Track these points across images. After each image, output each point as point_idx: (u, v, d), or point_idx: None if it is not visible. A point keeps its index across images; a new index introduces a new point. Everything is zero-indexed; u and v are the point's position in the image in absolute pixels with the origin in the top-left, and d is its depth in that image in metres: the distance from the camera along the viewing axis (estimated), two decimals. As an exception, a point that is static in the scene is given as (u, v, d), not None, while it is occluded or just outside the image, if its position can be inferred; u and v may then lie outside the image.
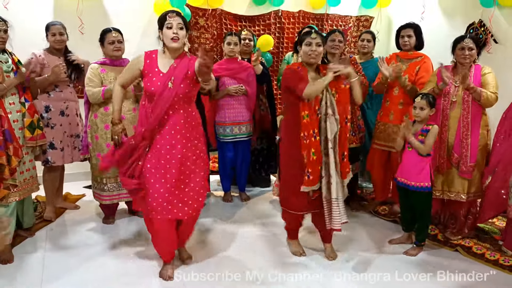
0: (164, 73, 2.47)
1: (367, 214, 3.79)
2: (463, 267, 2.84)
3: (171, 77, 2.45)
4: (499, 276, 2.74)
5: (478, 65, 3.10)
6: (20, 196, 2.93)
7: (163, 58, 2.52)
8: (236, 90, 3.75)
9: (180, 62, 2.49)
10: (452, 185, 3.16)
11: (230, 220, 3.61)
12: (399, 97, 3.47)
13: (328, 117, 2.67)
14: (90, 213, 3.70)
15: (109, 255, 2.96)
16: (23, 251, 2.96)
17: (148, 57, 2.52)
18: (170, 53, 2.51)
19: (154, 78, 2.47)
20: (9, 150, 2.76)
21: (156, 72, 2.48)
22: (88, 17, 4.34)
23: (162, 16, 2.47)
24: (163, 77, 2.46)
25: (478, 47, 3.08)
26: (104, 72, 3.23)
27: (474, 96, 2.96)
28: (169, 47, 2.47)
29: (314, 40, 2.69)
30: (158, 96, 2.43)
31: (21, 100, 2.91)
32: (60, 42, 3.38)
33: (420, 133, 2.89)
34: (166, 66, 2.50)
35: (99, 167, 2.79)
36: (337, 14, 5.50)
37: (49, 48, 3.41)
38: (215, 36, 4.98)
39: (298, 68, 2.76)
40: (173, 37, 2.42)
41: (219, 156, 4.10)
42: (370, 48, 4.06)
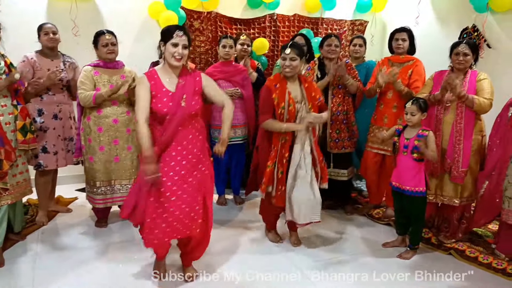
0: (173, 92, 2.38)
1: (361, 218, 3.79)
2: (457, 270, 2.84)
3: (183, 95, 2.38)
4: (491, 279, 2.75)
5: (474, 71, 3.09)
6: (13, 199, 2.90)
7: (165, 75, 2.42)
8: (232, 93, 3.74)
9: (186, 78, 2.43)
10: (445, 190, 3.17)
11: (224, 224, 3.60)
12: (393, 101, 3.48)
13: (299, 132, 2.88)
14: (83, 216, 3.67)
15: (102, 259, 2.93)
16: (14, 255, 2.93)
17: (150, 78, 2.39)
18: (171, 69, 2.42)
19: (165, 98, 2.36)
20: (1, 153, 2.73)
21: (164, 92, 2.37)
22: (82, 19, 4.31)
23: (169, 31, 2.36)
24: (173, 96, 2.37)
25: (475, 53, 3.08)
26: (98, 74, 3.22)
27: (467, 104, 2.97)
28: (170, 64, 2.39)
29: (288, 55, 2.82)
30: (172, 115, 2.35)
31: (13, 102, 2.89)
32: (53, 41, 3.34)
33: (416, 138, 2.89)
34: (172, 84, 2.41)
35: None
36: (332, 18, 5.52)
37: (42, 50, 3.37)
38: (210, 39, 4.97)
39: (276, 86, 2.90)
40: (175, 56, 2.35)
41: (213, 160, 4.08)
42: (361, 52, 4.09)
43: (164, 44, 2.37)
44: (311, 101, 2.91)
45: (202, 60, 4.99)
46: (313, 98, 2.94)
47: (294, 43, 2.92)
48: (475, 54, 3.08)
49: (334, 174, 3.68)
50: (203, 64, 4.94)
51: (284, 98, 2.86)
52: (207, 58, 5.00)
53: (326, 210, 3.87)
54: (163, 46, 2.38)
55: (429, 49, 4.01)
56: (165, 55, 2.38)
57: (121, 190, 3.33)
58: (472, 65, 3.11)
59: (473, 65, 3.12)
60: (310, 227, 3.49)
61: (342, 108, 3.60)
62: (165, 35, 2.37)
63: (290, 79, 2.92)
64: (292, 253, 3.06)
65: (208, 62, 4.97)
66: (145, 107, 2.34)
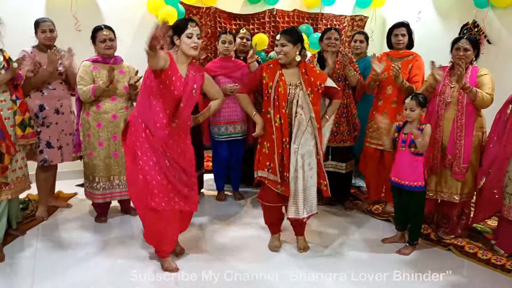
0: (184, 79, 2.55)
1: (360, 214, 3.79)
2: (456, 266, 2.85)
3: (194, 84, 2.58)
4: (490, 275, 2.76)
5: (475, 67, 3.08)
6: (12, 194, 2.90)
7: (178, 63, 2.57)
8: (232, 90, 3.73)
9: (194, 70, 2.62)
10: (445, 186, 3.16)
11: (223, 219, 3.60)
12: (392, 96, 3.47)
13: (296, 116, 2.75)
14: (82, 211, 3.68)
15: (102, 254, 2.94)
16: (15, 250, 2.93)
17: (172, 59, 2.52)
18: (184, 59, 2.58)
19: (178, 82, 2.51)
20: (2, 147, 2.74)
21: (179, 77, 2.53)
22: (81, 15, 4.30)
23: (182, 24, 2.53)
24: (184, 82, 2.54)
25: (476, 49, 3.07)
26: (96, 70, 3.21)
27: (470, 96, 2.95)
28: (188, 55, 2.55)
29: (278, 41, 2.82)
30: (186, 102, 2.55)
31: (12, 97, 2.88)
32: (51, 39, 3.33)
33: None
34: (183, 72, 2.57)
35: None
36: (331, 13, 5.51)
37: (39, 45, 3.36)
38: (209, 34, 4.96)
39: (269, 66, 2.87)
40: (193, 46, 2.51)
41: (213, 155, 4.09)
42: (363, 48, 4.08)
43: (178, 37, 2.51)
44: (309, 87, 2.79)
45: (201, 55, 4.97)
46: (312, 84, 2.80)
47: (286, 30, 2.90)
48: (476, 50, 3.08)
49: (332, 167, 3.68)
50: (203, 60, 4.92)
51: (274, 79, 2.78)
52: (207, 54, 4.99)
53: (324, 206, 3.87)
54: (177, 40, 2.52)
55: (429, 44, 4.01)
56: (182, 47, 2.52)
57: (120, 186, 3.33)
58: (473, 61, 3.10)
59: (474, 61, 3.11)
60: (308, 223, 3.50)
61: (343, 101, 3.58)
62: (179, 28, 2.52)
63: (287, 66, 2.84)
64: (291, 250, 3.05)
65: (207, 57, 4.96)
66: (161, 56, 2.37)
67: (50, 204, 3.67)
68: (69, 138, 3.47)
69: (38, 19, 3.38)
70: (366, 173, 3.79)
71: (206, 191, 4.29)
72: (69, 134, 3.47)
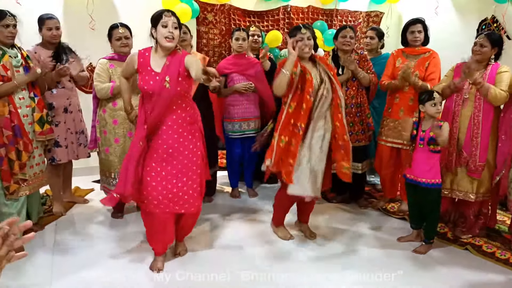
0: (156, 72, 2.48)
1: (375, 212, 3.76)
2: (473, 265, 2.82)
3: (166, 76, 2.44)
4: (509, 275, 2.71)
5: (496, 64, 3.01)
6: (30, 190, 2.95)
7: (155, 56, 2.52)
8: (245, 88, 3.73)
9: (172, 59, 2.48)
10: (461, 184, 3.12)
11: (237, 216, 3.61)
12: (409, 94, 3.43)
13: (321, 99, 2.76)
14: (99, 207, 3.72)
15: (118, 249, 2.97)
16: (33, 245, 2.97)
17: (141, 55, 2.53)
18: (163, 51, 2.50)
19: (147, 77, 2.49)
20: (19, 145, 2.79)
21: (148, 71, 2.49)
22: (97, 13, 4.34)
23: (157, 14, 2.46)
24: (155, 75, 2.47)
25: (495, 47, 2.99)
26: (113, 67, 3.24)
27: (481, 92, 2.89)
28: (163, 46, 2.46)
29: (305, 35, 2.78)
30: (157, 96, 2.45)
31: (30, 95, 2.93)
32: (57, 37, 3.33)
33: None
34: (159, 64, 2.49)
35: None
36: (346, 9, 5.46)
37: (43, 43, 3.35)
38: (223, 31, 4.97)
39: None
40: (167, 36, 2.42)
41: (227, 152, 4.10)
42: (373, 45, 4.03)
43: (155, 29, 2.46)
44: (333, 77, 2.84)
45: (216, 53, 4.99)
46: (330, 68, 2.90)
47: (306, 25, 2.87)
48: (496, 48, 3.00)
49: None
50: (217, 57, 4.94)
51: (297, 67, 2.75)
52: (221, 51, 5.00)
53: (339, 204, 3.86)
54: (155, 32, 2.47)
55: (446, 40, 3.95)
56: (158, 38, 2.46)
57: (136, 182, 3.36)
58: (491, 58, 3.03)
59: (492, 58, 3.04)
60: (323, 221, 3.49)
61: (356, 101, 3.56)
62: (154, 19, 2.47)
63: (303, 60, 2.84)
64: (304, 248, 3.04)
65: (221, 54, 4.97)
66: (126, 72, 2.68)
67: (66, 200, 3.73)
68: (76, 136, 3.51)
69: (42, 15, 3.32)
70: (381, 172, 3.76)
71: (220, 188, 4.30)
72: (76, 133, 3.50)
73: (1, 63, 2.75)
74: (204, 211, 3.67)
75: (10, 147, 2.75)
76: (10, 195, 2.82)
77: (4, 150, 2.74)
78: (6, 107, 2.75)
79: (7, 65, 2.77)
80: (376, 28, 4.23)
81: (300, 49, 2.76)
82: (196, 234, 3.15)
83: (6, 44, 2.84)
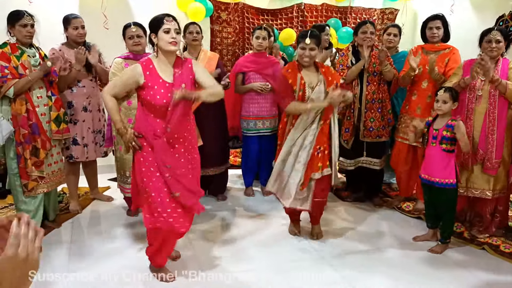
0: (170, 83, 2.36)
1: (390, 211, 3.73)
2: (491, 265, 2.77)
3: (182, 84, 2.34)
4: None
5: (506, 59, 2.98)
6: (48, 188, 3.01)
7: (160, 65, 2.39)
8: (261, 88, 3.72)
9: (181, 68, 2.41)
10: (477, 182, 3.07)
11: (250, 215, 3.61)
12: (427, 90, 3.38)
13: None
14: (114, 205, 3.77)
15: (133, 247, 3.00)
16: (50, 242, 3.03)
17: (145, 68, 2.36)
18: (167, 58, 2.39)
19: (162, 89, 2.34)
20: (37, 142, 2.84)
21: (160, 83, 2.35)
22: (111, 12, 4.38)
23: (158, 19, 2.34)
24: (169, 87, 2.34)
25: (507, 40, 2.97)
26: (128, 66, 3.26)
27: (499, 89, 2.85)
28: (167, 50, 2.35)
29: (308, 45, 2.81)
30: (174, 107, 2.31)
31: (48, 93, 2.97)
32: (82, 36, 3.38)
33: (445, 128, 2.82)
34: (168, 74, 2.39)
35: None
36: (361, 6, 5.42)
37: (68, 42, 3.40)
38: (237, 30, 4.97)
39: (288, 71, 2.89)
40: (171, 41, 2.32)
41: (243, 150, 4.10)
42: (396, 42, 3.98)
43: (155, 35, 2.34)
44: (329, 86, 2.87)
45: (229, 51, 5.00)
46: (330, 82, 2.89)
47: (313, 32, 2.88)
48: (507, 41, 2.97)
49: (366, 163, 3.65)
50: (230, 56, 4.94)
51: (296, 83, 2.84)
52: (234, 49, 5.01)
53: (354, 203, 3.83)
54: (155, 38, 2.35)
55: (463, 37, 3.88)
56: (160, 44, 2.35)
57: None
58: (503, 53, 2.99)
59: (505, 53, 3.00)
60: (337, 220, 3.47)
61: (377, 96, 3.54)
62: (154, 25, 2.34)
63: (307, 67, 2.90)
64: (318, 246, 3.03)
65: (235, 53, 4.98)
66: (121, 86, 2.40)
67: (92, 197, 3.83)
68: (94, 136, 3.54)
69: (67, 15, 3.38)
70: (397, 170, 3.72)
71: (231, 186, 4.30)
72: (94, 132, 3.53)
73: (20, 62, 2.80)
74: (217, 208, 3.69)
75: (26, 145, 2.80)
76: (29, 192, 2.87)
77: (21, 148, 2.79)
78: (23, 106, 2.80)
79: (26, 64, 2.82)
80: (397, 25, 4.13)
81: (300, 57, 2.87)
82: (209, 231, 3.16)
83: (25, 44, 2.89)
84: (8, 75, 2.73)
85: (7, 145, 2.82)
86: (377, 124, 3.57)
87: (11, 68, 2.76)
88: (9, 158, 2.88)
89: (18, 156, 2.82)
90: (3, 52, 2.76)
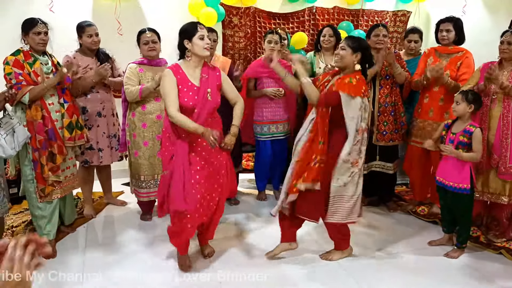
0: (197, 86, 2.55)
1: (405, 215, 3.69)
2: (508, 270, 2.73)
3: (207, 89, 2.55)
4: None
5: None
6: (62, 193, 3.03)
7: (188, 70, 2.57)
8: (274, 94, 3.72)
9: (208, 73, 2.60)
10: (492, 187, 3.02)
11: (262, 219, 3.60)
12: (439, 93, 3.35)
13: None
14: (128, 210, 3.79)
15: (146, 251, 3.02)
16: (66, 246, 3.06)
17: (176, 72, 2.54)
18: (197, 63, 2.59)
19: (190, 92, 2.53)
20: (54, 148, 2.87)
21: (190, 86, 2.54)
22: (125, 18, 4.42)
23: (192, 27, 2.53)
24: (198, 90, 2.54)
25: None
26: (142, 71, 3.29)
27: (511, 95, 2.83)
28: (201, 55, 2.55)
29: (339, 44, 2.74)
30: (200, 109, 2.52)
31: (60, 101, 2.99)
32: (97, 43, 3.41)
33: (462, 133, 2.78)
34: (195, 77, 2.58)
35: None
36: (373, 9, 5.38)
37: (82, 49, 3.43)
38: (248, 34, 4.98)
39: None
40: (206, 47, 2.52)
41: (256, 155, 4.09)
42: (417, 47, 3.94)
43: (189, 41, 2.52)
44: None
45: (241, 55, 5.00)
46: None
47: (351, 35, 2.86)
48: None
49: (379, 167, 3.63)
50: (242, 60, 4.95)
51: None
52: (246, 54, 5.01)
53: (368, 207, 3.80)
54: (188, 43, 2.53)
55: (476, 38, 3.84)
56: (195, 49, 2.53)
57: (164, 185, 3.40)
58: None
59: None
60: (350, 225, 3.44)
61: (390, 99, 3.51)
62: (188, 32, 2.53)
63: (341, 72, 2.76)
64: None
65: (247, 57, 4.98)
66: (175, 100, 2.50)
67: (106, 201, 3.85)
68: (109, 140, 3.56)
69: (81, 22, 3.39)
70: (411, 173, 3.69)
71: (242, 190, 4.29)
72: (109, 137, 3.55)
73: (33, 69, 2.83)
74: (230, 213, 3.69)
75: (42, 151, 2.83)
76: (44, 197, 2.90)
77: (38, 154, 2.82)
78: (39, 112, 2.83)
79: (38, 71, 2.85)
80: (417, 29, 4.03)
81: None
82: (221, 235, 3.16)
83: (38, 51, 2.92)
84: (22, 82, 2.76)
85: (21, 152, 2.85)
86: (390, 127, 3.54)
87: (25, 75, 2.78)
88: (23, 165, 2.90)
89: (34, 162, 2.84)
90: (17, 59, 2.79)
